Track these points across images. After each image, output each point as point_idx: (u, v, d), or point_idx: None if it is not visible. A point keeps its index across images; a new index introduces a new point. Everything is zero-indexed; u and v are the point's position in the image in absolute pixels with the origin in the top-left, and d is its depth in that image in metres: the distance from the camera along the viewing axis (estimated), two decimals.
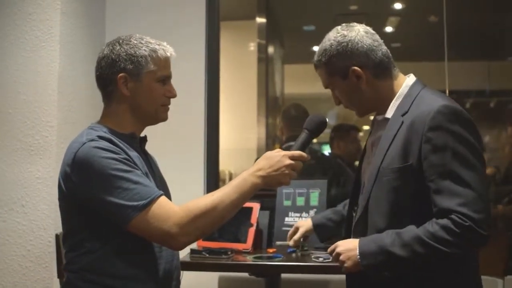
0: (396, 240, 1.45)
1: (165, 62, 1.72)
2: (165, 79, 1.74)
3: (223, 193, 1.59)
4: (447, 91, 3.57)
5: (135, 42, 1.71)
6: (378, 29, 1.68)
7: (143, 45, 1.70)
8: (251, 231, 2.63)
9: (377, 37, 1.65)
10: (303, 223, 2.29)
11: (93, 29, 3.15)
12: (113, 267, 1.61)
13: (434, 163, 1.45)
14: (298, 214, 2.76)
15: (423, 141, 1.47)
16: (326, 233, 2.19)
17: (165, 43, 1.75)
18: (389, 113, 1.62)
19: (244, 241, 2.62)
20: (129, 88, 1.69)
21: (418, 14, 4.58)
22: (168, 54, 1.73)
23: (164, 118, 1.78)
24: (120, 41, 1.72)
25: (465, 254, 1.49)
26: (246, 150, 4.61)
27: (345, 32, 1.62)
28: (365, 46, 1.60)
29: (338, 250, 1.56)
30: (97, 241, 1.62)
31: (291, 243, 2.30)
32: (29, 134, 2.76)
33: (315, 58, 1.67)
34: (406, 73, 1.69)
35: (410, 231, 1.46)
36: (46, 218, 2.71)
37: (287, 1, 4.99)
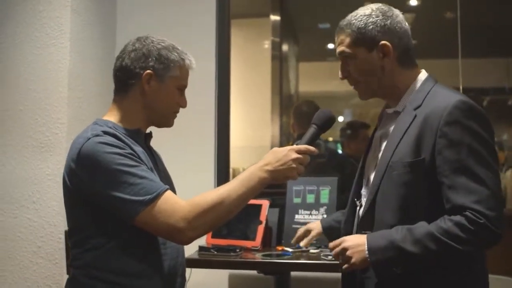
0: (408, 235, 1.42)
1: (187, 73, 1.75)
2: (183, 89, 1.76)
3: (230, 188, 1.58)
4: (461, 88, 3.51)
5: (167, 45, 1.73)
6: None
7: (175, 50, 1.72)
8: (260, 229, 2.61)
9: (408, 27, 1.61)
10: (314, 225, 2.27)
11: (103, 26, 3.16)
12: (118, 264, 1.61)
13: (449, 158, 1.43)
14: (308, 212, 2.73)
15: (438, 135, 1.44)
16: (335, 235, 2.15)
17: (191, 56, 1.76)
18: (400, 107, 1.58)
19: (253, 239, 2.60)
20: (151, 86, 1.70)
21: (434, 11, 4.52)
22: (193, 66, 1.76)
23: (171, 125, 1.80)
24: (154, 40, 1.73)
25: (476, 252, 1.45)
26: (260, 148, 4.59)
27: (386, 9, 1.59)
28: (404, 28, 1.57)
29: (344, 245, 1.51)
30: (102, 237, 1.62)
31: (302, 244, 2.29)
32: (40, 131, 2.77)
33: (344, 22, 1.60)
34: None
35: (422, 227, 1.42)
36: (56, 215, 2.72)
37: None
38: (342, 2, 4.94)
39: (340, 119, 6.05)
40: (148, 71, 1.69)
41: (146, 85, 1.69)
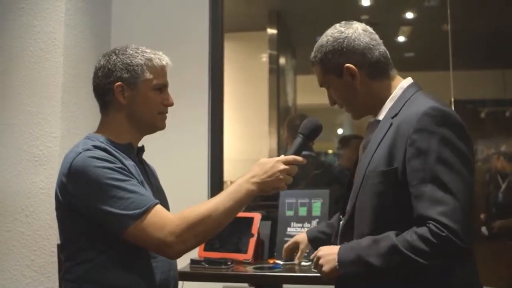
0: (373, 248, 1.39)
1: (161, 71, 1.75)
2: (162, 88, 1.76)
3: (218, 201, 1.59)
4: (452, 100, 3.51)
5: (131, 52, 1.74)
6: (390, 38, 1.66)
7: (139, 54, 1.73)
8: (252, 241, 2.61)
9: (375, 36, 1.60)
10: (300, 238, 2.26)
11: (97, 41, 3.18)
12: (109, 277, 1.62)
13: (416, 167, 1.39)
14: (300, 225, 2.73)
15: (408, 143, 1.41)
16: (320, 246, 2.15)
17: (160, 53, 1.78)
18: (381, 115, 1.58)
19: (245, 252, 2.60)
20: (126, 97, 1.72)
21: (430, 23, 4.55)
22: (164, 62, 1.76)
23: (162, 127, 1.79)
24: (116, 52, 1.75)
25: (461, 265, 1.42)
26: (257, 160, 4.59)
27: (342, 29, 1.58)
28: (362, 44, 1.56)
29: (318, 253, 1.52)
30: (93, 250, 1.63)
31: (296, 260, 2.29)
32: (33, 144, 2.78)
33: (312, 54, 1.63)
34: (419, 82, 1.64)
35: (388, 239, 1.39)
36: (49, 228, 2.72)
37: (298, 12, 5.00)
38: (339, 15, 4.97)
39: (340, 131, 6.05)
40: (118, 83, 1.70)
41: (121, 98, 1.71)
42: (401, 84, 1.59)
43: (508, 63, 4.24)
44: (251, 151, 4.92)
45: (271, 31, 5.15)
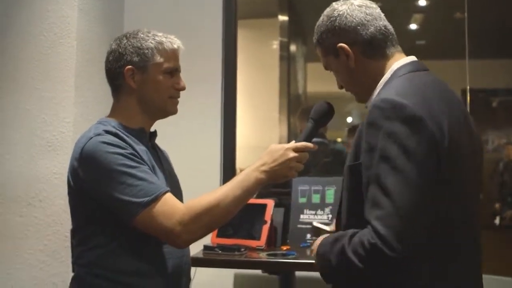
0: (334, 246, 1.30)
1: (172, 54, 1.73)
2: (173, 71, 1.74)
3: (226, 190, 1.57)
4: (468, 89, 3.48)
5: (142, 35, 1.72)
6: (403, 26, 1.58)
7: (150, 37, 1.71)
8: (265, 228, 2.60)
9: (373, 10, 1.48)
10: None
11: (110, 25, 3.17)
12: (121, 262, 1.62)
13: (365, 164, 1.28)
14: (313, 212, 2.72)
15: (362, 138, 1.31)
16: None
17: (172, 36, 1.75)
18: (369, 103, 1.46)
19: (258, 238, 2.60)
20: (136, 81, 1.70)
21: (443, 11, 4.50)
22: (175, 46, 1.74)
23: (173, 111, 1.77)
24: (127, 35, 1.74)
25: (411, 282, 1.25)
26: (267, 148, 4.58)
27: (336, 6, 1.49)
28: (355, 21, 1.44)
29: (314, 243, 1.45)
30: (105, 236, 1.63)
31: None
32: (47, 130, 2.78)
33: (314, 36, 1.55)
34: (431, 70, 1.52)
35: (343, 238, 1.28)
36: (63, 213, 2.72)
37: None
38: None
39: (349, 119, 6.02)
40: (128, 67, 1.69)
41: (131, 82, 1.70)
42: (393, 66, 1.45)
43: None
44: (261, 139, 4.90)
45: (282, 18, 5.10)
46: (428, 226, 1.22)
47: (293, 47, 5.31)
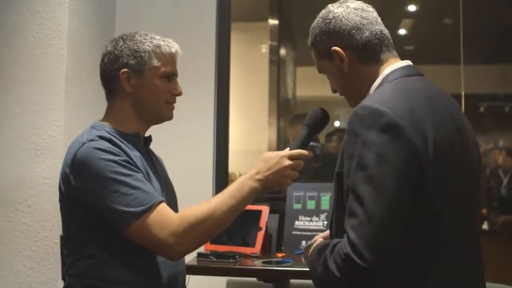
0: (319, 255, 1.28)
1: (169, 58, 1.68)
2: (170, 76, 1.69)
3: (220, 200, 1.53)
4: (462, 95, 3.49)
5: (139, 38, 1.67)
6: (392, 31, 1.56)
7: (147, 40, 1.66)
8: (260, 235, 2.57)
9: (369, 14, 1.44)
10: (325, 235, 2.18)
11: (102, 27, 3.11)
12: (114, 273, 1.57)
13: (346, 172, 1.25)
14: (308, 218, 2.69)
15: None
16: None
17: (170, 40, 1.70)
18: None
19: (253, 245, 2.56)
20: (132, 85, 1.65)
21: (432, 16, 4.51)
22: (173, 50, 1.69)
23: (169, 117, 1.72)
24: (124, 37, 1.69)
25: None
26: (256, 152, 4.56)
27: (331, 8, 1.45)
28: (350, 24, 1.41)
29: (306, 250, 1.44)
30: (97, 245, 1.58)
31: None
32: (36, 133, 2.72)
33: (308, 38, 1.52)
34: None
35: (328, 247, 1.26)
36: (52, 219, 2.66)
37: (300, 3, 4.94)
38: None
39: (336, 124, 6.03)
40: (123, 70, 1.64)
41: (126, 85, 1.65)
42: (385, 71, 1.41)
43: (509, 58, 4.23)
44: (250, 142, 4.87)
45: (272, 21, 5.09)
46: (404, 236, 1.20)
47: (283, 51, 5.29)
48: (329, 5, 1.49)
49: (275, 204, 2.83)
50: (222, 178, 3.16)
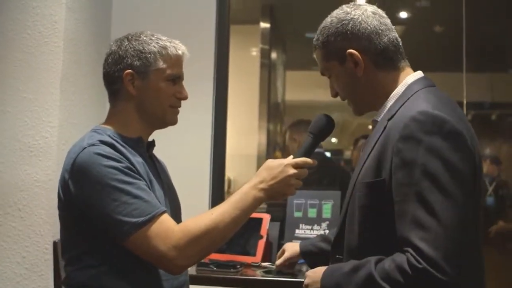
0: (352, 276, 1.23)
1: (176, 61, 1.62)
2: (175, 79, 1.63)
3: (223, 210, 1.46)
4: (464, 103, 3.49)
5: (145, 38, 1.61)
6: None
7: (153, 41, 1.60)
8: (261, 244, 2.50)
9: (387, 20, 1.42)
10: (290, 247, 2.10)
11: (98, 26, 3.02)
12: (114, 285, 1.50)
13: (400, 180, 1.21)
14: (309, 227, 2.63)
15: (394, 152, 1.23)
16: (314, 261, 1.91)
17: (177, 41, 1.64)
18: (379, 115, 1.41)
19: (254, 254, 2.49)
20: (136, 87, 1.59)
21: (423, 24, 4.53)
22: (180, 52, 1.63)
23: (173, 122, 1.67)
24: (129, 37, 1.63)
25: None
26: (246, 156, 4.52)
27: (349, 10, 1.41)
28: (369, 28, 1.38)
29: (305, 282, 1.38)
30: (96, 255, 1.51)
31: (277, 263, 2.14)
32: (29, 134, 2.61)
33: (314, 37, 1.46)
34: None
35: (366, 266, 1.21)
36: (44, 224, 2.56)
37: (291, 7, 4.93)
38: (331, 12, 4.92)
39: None
40: (127, 71, 1.58)
41: (130, 87, 1.59)
42: (406, 79, 1.39)
43: (495, 67, 4.25)
44: (240, 146, 4.83)
45: (264, 25, 5.06)
46: (471, 246, 1.22)
47: (273, 55, 5.27)
48: (344, 6, 1.45)
49: (276, 211, 2.76)
50: (219, 183, 3.10)
